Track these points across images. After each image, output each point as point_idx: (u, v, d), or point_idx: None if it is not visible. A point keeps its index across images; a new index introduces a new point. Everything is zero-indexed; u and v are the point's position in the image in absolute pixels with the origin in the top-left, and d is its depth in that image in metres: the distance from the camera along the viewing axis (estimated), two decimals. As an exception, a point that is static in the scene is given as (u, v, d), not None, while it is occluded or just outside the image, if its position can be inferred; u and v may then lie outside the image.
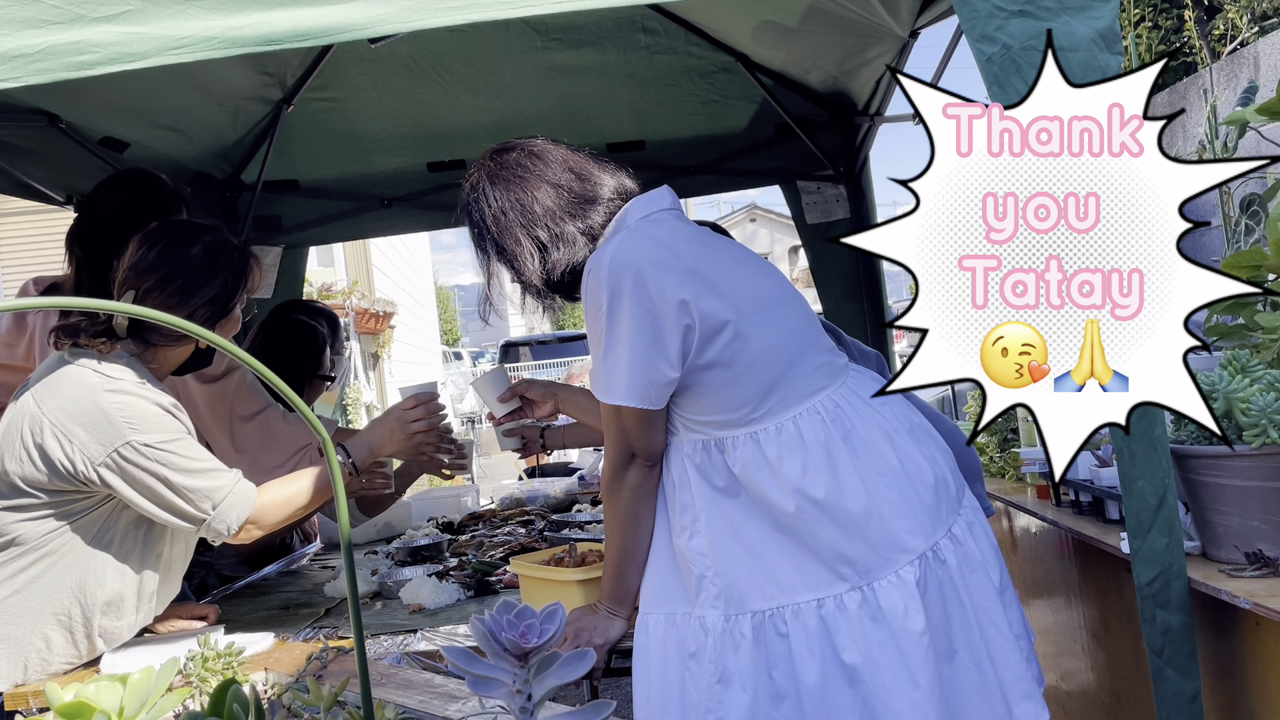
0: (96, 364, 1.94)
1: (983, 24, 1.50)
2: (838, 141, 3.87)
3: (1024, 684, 1.65)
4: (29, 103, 2.75)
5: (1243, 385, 1.56)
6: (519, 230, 1.76)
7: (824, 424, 1.66)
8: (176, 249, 2.05)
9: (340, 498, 0.87)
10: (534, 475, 4.34)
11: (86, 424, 1.88)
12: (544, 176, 1.77)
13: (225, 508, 1.96)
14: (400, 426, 2.26)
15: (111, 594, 1.97)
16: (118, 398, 1.90)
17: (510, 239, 1.77)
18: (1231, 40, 10.84)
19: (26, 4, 1.48)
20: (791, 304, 1.78)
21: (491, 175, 1.80)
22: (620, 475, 1.74)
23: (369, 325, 13.23)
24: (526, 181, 1.77)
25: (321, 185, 4.11)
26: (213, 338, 0.82)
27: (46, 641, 1.94)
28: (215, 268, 2.05)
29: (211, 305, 2.04)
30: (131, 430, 1.88)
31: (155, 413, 1.93)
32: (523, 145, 1.82)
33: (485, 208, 1.78)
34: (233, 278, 2.08)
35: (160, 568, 2.05)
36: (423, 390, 2.31)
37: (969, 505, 1.75)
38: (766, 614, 1.61)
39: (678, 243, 1.71)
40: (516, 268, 1.78)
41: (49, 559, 1.93)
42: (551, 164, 1.78)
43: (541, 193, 1.75)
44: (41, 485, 1.90)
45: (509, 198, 1.76)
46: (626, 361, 1.65)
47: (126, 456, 1.88)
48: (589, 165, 1.80)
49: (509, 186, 1.77)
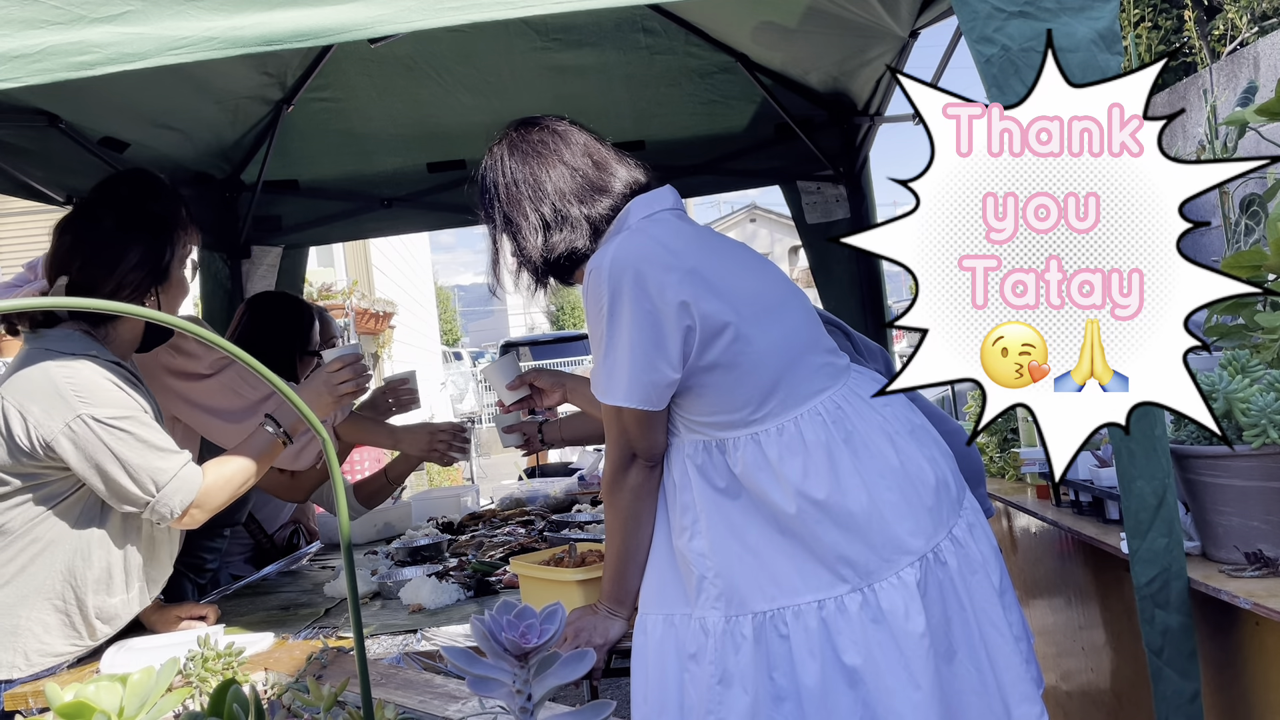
0: (50, 345, 1.96)
1: (982, 25, 1.50)
2: (838, 141, 3.87)
3: (1023, 686, 1.65)
4: (29, 103, 2.75)
5: (1243, 385, 1.56)
6: (527, 204, 1.76)
7: (825, 425, 1.66)
8: (86, 226, 2.05)
9: (340, 498, 0.87)
10: (534, 475, 4.34)
11: (40, 399, 1.89)
12: (562, 156, 1.77)
13: (169, 491, 1.95)
14: (328, 390, 2.30)
15: (99, 570, 1.98)
16: (68, 372, 1.91)
17: (518, 211, 1.77)
18: (1231, 40, 10.84)
19: (26, 4, 1.48)
20: (793, 304, 1.78)
21: (512, 145, 1.81)
22: (621, 476, 1.74)
23: (369, 325, 13.21)
24: (544, 158, 1.77)
25: (321, 185, 4.11)
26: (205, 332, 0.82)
27: (45, 628, 1.96)
28: (130, 233, 2.04)
29: (139, 270, 2.04)
30: (82, 404, 1.90)
31: (107, 388, 1.94)
32: (548, 123, 1.83)
33: (500, 176, 1.80)
34: (155, 238, 2.06)
35: (143, 544, 2.06)
36: (347, 352, 2.37)
37: (970, 507, 1.75)
38: (767, 615, 1.61)
39: (679, 243, 1.71)
40: (519, 241, 1.79)
41: (35, 546, 1.95)
42: (572, 146, 1.79)
43: (556, 172, 1.76)
44: (11, 469, 1.92)
45: (524, 170, 1.77)
46: (627, 362, 1.65)
47: (77, 430, 1.89)
48: (608, 156, 1.81)
49: (526, 160, 1.78)
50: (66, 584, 1.96)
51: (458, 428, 2.89)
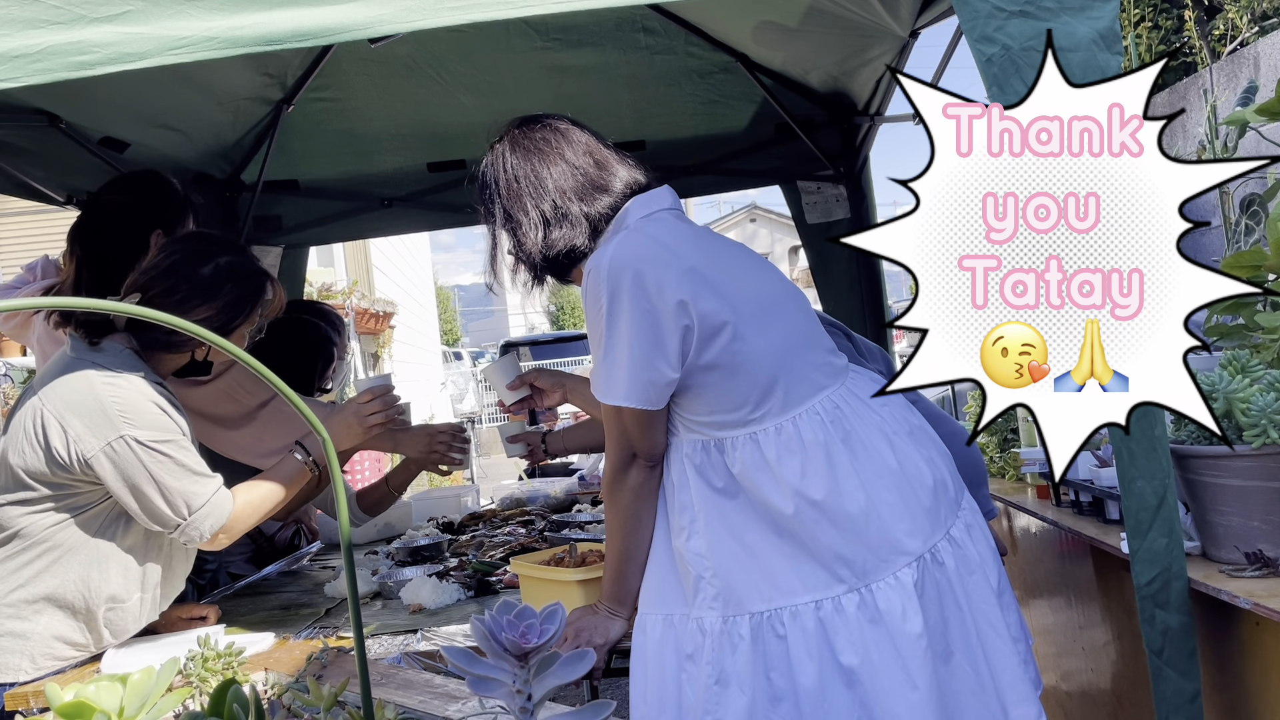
0: (97, 359, 1.96)
1: (982, 24, 1.50)
2: (838, 141, 3.87)
3: (1021, 687, 1.65)
4: (29, 103, 2.75)
5: (1243, 385, 1.56)
6: (527, 200, 1.77)
7: (823, 425, 1.66)
8: (189, 263, 2.07)
9: (340, 498, 0.87)
10: (534, 475, 4.34)
11: (83, 415, 1.89)
12: (563, 154, 1.78)
13: (201, 515, 1.97)
14: (358, 420, 2.30)
15: (116, 588, 1.98)
16: (114, 391, 1.92)
17: (518, 207, 1.78)
18: (1231, 40, 10.84)
19: (26, 4, 1.48)
20: (791, 304, 1.78)
21: (514, 142, 1.81)
22: (621, 476, 1.74)
23: (369, 325, 13.21)
24: (546, 155, 1.78)
25: (321, 185, 4.11)
26: (220, 341, 0.82)
27: (55, 634, 1.96)
28: (219, 291, 2.07)
29: (207, 324, 2.04)
30: (126, 424, 1.90)
31: (150, 410, 1.95)
32: (550, 121, 1.83)
33: (501, 172, 1.80)
34: (235, 305, 2.09)
35: (163, 561, 2.06)
36: (378, 383, 2.36)
37: (968, 508, 1.75)
38: (764, 615, 1.61)
39: (677, 242, 1.72)
40: (518, 237, 1.79)
41: (53, 553, 1.94)
42: (574, 144, 1.79)
43: (557, 169, 1.77)
44: (44, 477, 1.91)
45: (526, 166, 1.77)
46: (626, 362, 1.66)
47: (118, 450, 1.89)
48: (608, 156, 1.81)
49: (528, 156, 1.78)
50: (79, 594, 1.95)
51: (456, 428, 2.85)
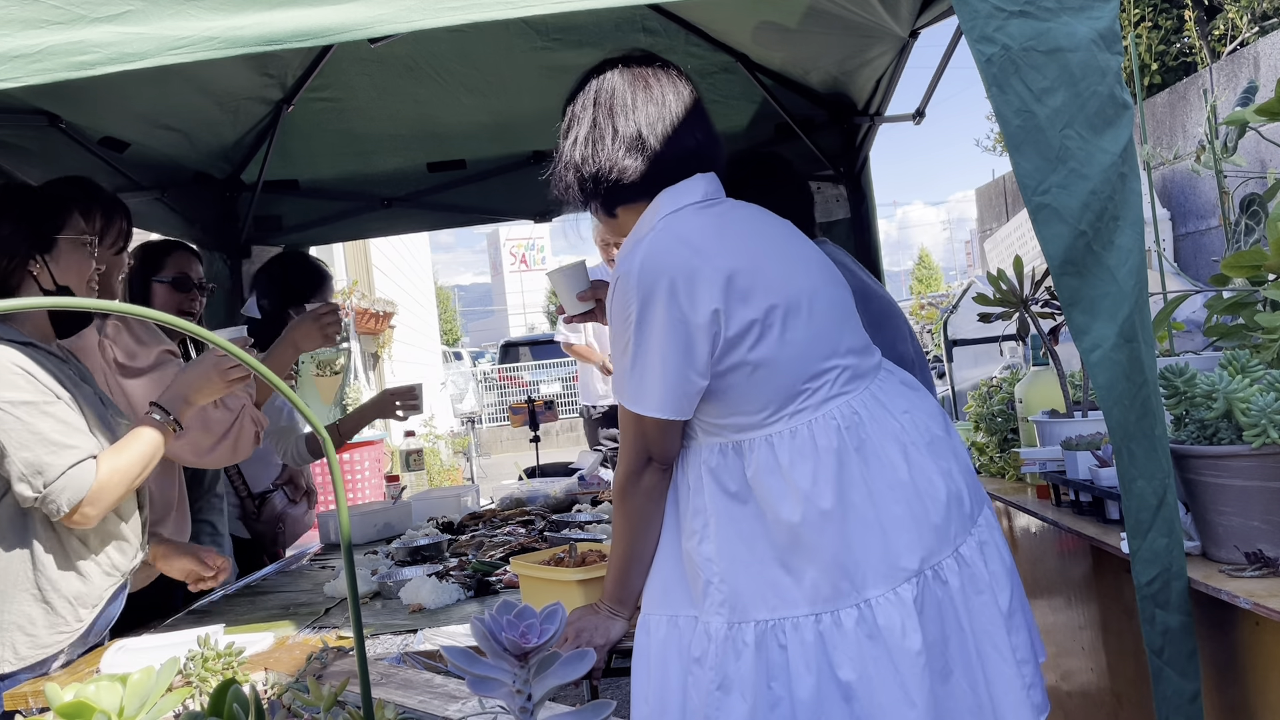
0: None
1: (982, 24, 1.50)
2: (838, 141, 3.87)
3: (1021, 711, 1.62)
4: (29, 103, 2.75)
5: (1243, 385, 1.56)
6: (620, 117, 1.78)
7: (839, 431, 1.64)
8: None
9: (340, 498, 0.87)
10: (534, 475, 4.33)
11: None
12: (666, 96, 1.81)
13: (55, 489, 1.89)
14: (218, 373, 2.20)
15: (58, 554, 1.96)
16: None
17: (609, 119, 1.79)
18: (1231, 40, 10.85)
19: (26, 4, 1.48)
20: (824, 294, 1.74)
21: (628, 64, 1.84)
22: (636, 479, 1.72)
23: (369, 325, 13.20)
24: (650, 89, 1.81)
25: (321, 185, 4.11)
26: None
27: (29, 620, 1.94)
28: None
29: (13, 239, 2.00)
30: None
31: (10, 370, 1.90)
32: (666, 64, 1.88)
33: (606, 85, 1.82)
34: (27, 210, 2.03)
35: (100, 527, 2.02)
36: (234, 335, 2.34)
37: (984, 524, 1.71)
38: (769, 624, 1.60)
39: (706, 241, 1.68)
40: (595, 146, 1.79)
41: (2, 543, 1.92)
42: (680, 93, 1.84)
43: (655, 108, 1.80)
44: None
45: (631, 91, 1.80)
46: (659, 374, 1.64)
47: None
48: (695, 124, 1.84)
49: (634, 81, 1.81)
50: (37, 571, 1.93)
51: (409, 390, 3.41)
